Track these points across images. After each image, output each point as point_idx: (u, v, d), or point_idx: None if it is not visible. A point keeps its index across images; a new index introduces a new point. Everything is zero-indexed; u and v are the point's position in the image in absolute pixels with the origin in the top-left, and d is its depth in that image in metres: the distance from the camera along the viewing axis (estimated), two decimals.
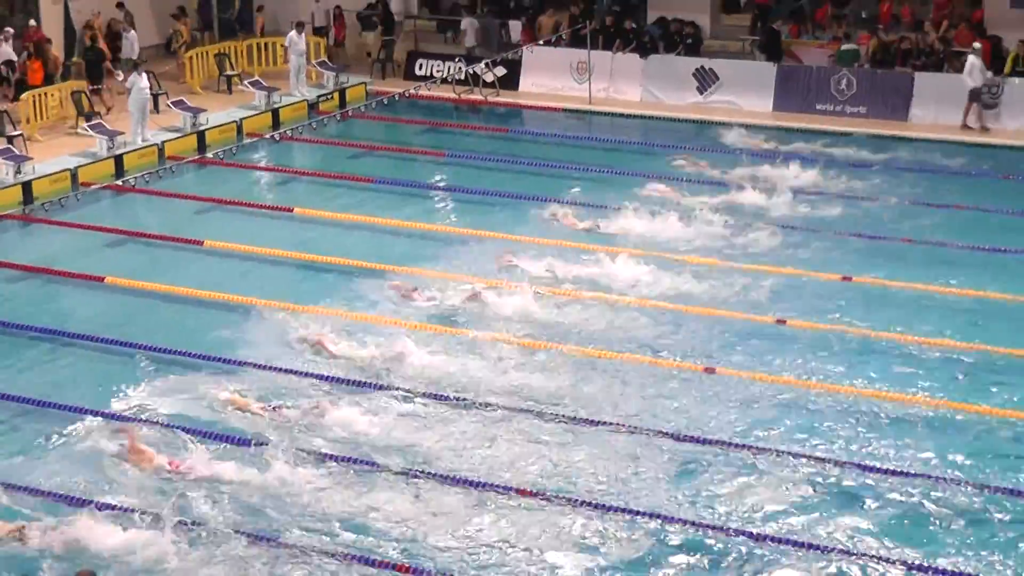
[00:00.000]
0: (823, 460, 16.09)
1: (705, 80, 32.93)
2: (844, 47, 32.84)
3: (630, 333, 19.60)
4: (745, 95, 32.47)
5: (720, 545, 14.58)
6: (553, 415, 17.08)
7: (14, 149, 27.66)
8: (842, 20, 33.50)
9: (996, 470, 15.96)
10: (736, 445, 16.44)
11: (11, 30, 31.58)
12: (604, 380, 18.16)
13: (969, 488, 15.46)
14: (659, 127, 31.46)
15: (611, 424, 16.83)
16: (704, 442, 16.49)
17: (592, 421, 16.94)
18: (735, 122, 30.64)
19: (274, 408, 17.22)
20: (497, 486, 15.45)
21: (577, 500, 15.18)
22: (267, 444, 16.18)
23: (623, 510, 14.98)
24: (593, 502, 15.15)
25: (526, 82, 34.49)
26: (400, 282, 21.24)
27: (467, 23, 35.79)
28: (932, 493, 15.40)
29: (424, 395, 17.54)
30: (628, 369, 18.49)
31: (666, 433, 16.68)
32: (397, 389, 17.65)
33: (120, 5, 35.13)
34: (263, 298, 20.77)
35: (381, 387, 17.81)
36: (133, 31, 33.80)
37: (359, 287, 21.35)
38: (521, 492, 15.29)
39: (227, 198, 26.28)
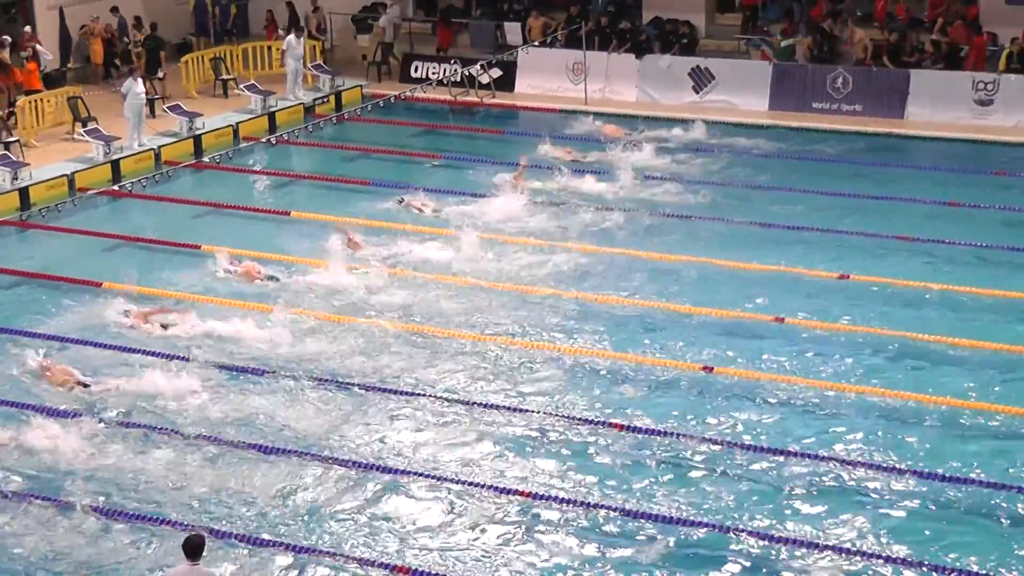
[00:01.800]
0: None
1: (701, 80, 32.95)
2: (784, 42, 33.09)
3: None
4: (741, 94, 32.50)
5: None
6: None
7: (11, 155, 27.69)
8: (837, 18, 33.46)
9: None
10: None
11: (8, 38, 31.56)
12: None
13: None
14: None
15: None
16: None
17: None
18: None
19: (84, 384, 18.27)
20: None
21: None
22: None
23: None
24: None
25: (522, 83, 34.52)
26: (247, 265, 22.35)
27: (384, 19, 35.56)
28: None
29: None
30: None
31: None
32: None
33: (115, 10, 35.14)
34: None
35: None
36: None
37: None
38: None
39: (224, 202, 26.31)
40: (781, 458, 16.32)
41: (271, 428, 17.27)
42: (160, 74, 32.76)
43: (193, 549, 12.67)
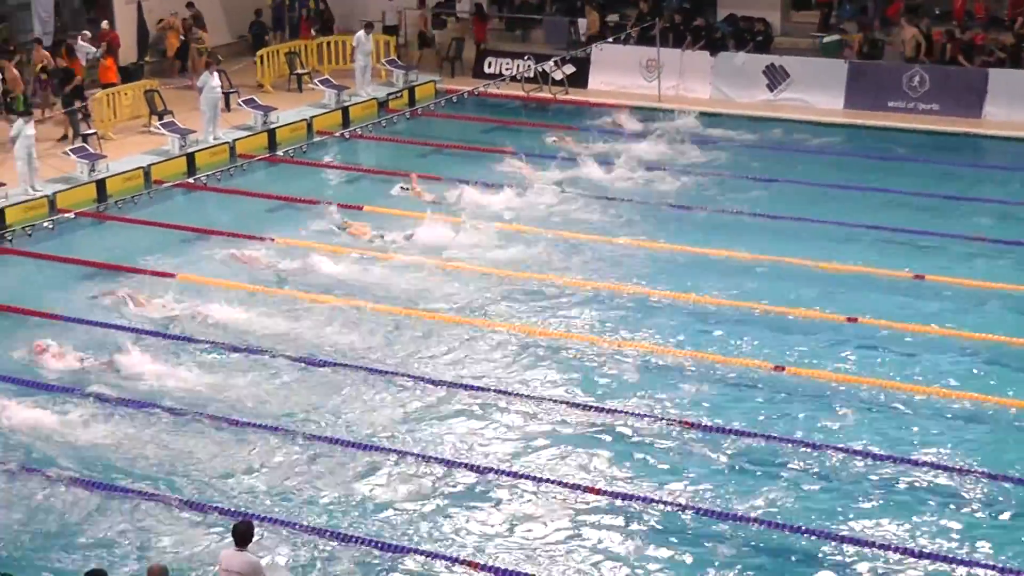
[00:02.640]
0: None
1: (775, 77, 32.74)
2: (827, 39, 32.82)
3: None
4: (816, 93, 32.26)
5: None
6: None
7: (89, 147, 28.01)
8: (914, 16, 33.12)
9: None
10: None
11: (88, 34, 31.93)
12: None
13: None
14: None
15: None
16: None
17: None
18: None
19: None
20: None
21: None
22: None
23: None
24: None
25: (595, 80, 34.44)
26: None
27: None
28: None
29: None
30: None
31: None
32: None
33: (190, 5, 35.43)
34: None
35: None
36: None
37: None
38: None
39: (297, 196, 26.44)
40: (852, 458, 16.23)
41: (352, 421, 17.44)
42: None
43: (241, 536, 12.89)
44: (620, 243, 23.51)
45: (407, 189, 26.24)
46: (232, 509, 15.25)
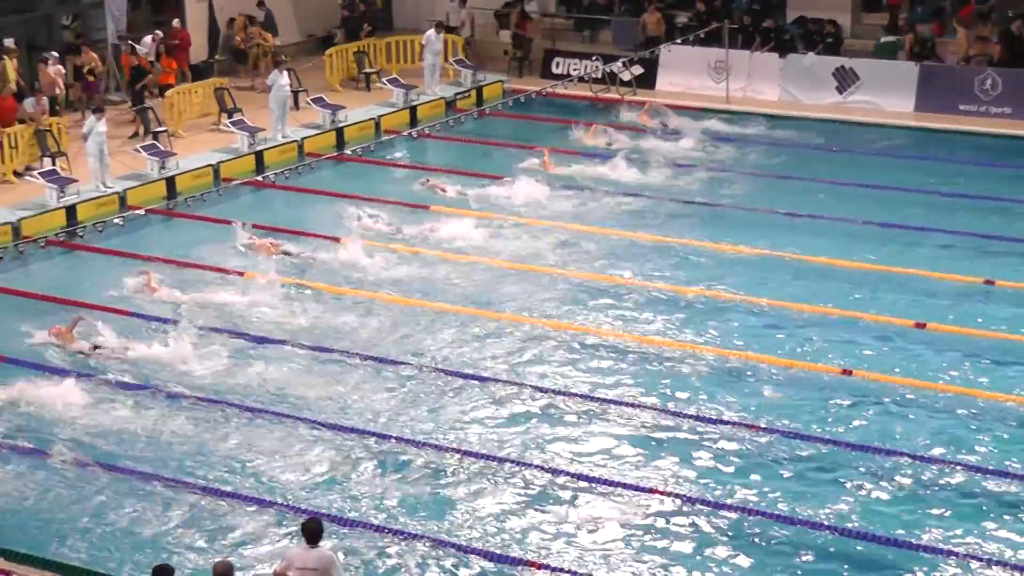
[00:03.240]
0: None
1: (845, 80, 32.48)
2: (883, 39, 32.61)
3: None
4: (886, 95, 31.94)
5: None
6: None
7: (159, 145, 28.26)
8: (987, 18, 32.76)
9: None
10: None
11: (160, 34, 32.16)
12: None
13: None
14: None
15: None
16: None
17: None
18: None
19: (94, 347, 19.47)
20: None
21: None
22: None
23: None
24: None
25: (663, 81, 34.29)
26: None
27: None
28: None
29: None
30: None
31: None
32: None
33: (260, 3, 35.62)
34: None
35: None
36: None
37: None
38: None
39: (365, 194, 26.50)
40: (921, 464, 16.10)
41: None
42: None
43: (312, 533, 12.96)
44: (687, 243, 23.57)
45: (427, 182, 26.79)
46: (297, 505, 15.41)
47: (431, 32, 33.64)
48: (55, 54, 30.48)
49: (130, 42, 31.61)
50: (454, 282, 22.07)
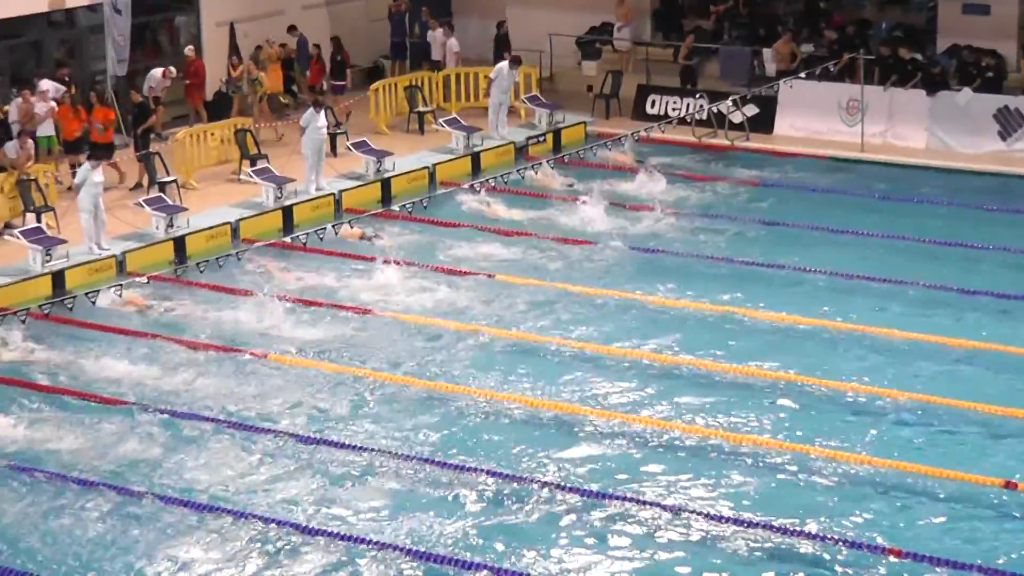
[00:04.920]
0: None
1: (1009, 123, 32.20)
2: None
3: None
4: None
5: None
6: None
7: (166, 198, 28.36)
8: None
9: None
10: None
11: (173, 70, 32.52)
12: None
13: None
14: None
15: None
16: None
17: None
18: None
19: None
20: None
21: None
22: None
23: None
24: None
25: (783, 123, 34.33)
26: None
27: (434, 36, 35.11)
28: None
29: None
30: None
31: None
32: None
33: (292, 28, 35.83)
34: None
35: None
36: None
37: None
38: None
39: (404, 259, 26.42)
40: None
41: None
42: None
43: None
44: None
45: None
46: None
47: (503, 65, 33.83)
48: (51, 84, 30.74)
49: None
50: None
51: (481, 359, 22.64)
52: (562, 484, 18.61)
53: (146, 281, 25.21)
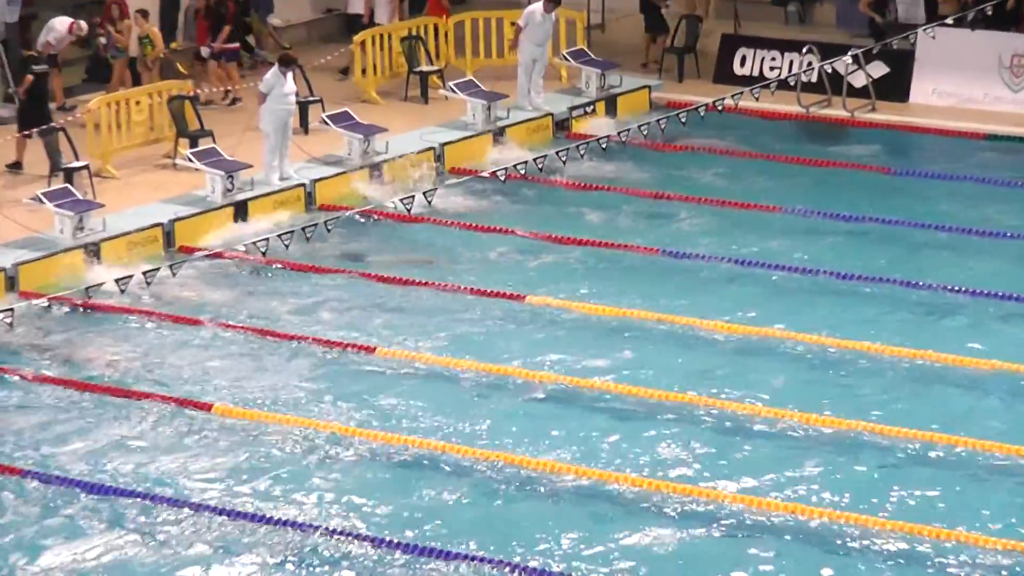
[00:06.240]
0: None
1: None
2: None
3: None
4: None
5: None
6: None
7: (75, 191, 28.25)
8: None
9: None
10: None
11: (84, 26, 32.60)
12: None
13: None
14: None
15: None
16: None
17: None
18: None
19: None
20: None
21: None
22: None
23: None
24: None
25: (922, 88, 34.61)
26: None
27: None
28: None
29: None
30: None
31: None
32: None
33: None
34: None
35: None
36: None
37: None
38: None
39: (399, 276, 26.70)
40: None
41: None
42: None
43: None
44: None
45: None
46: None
47: (536, 8, 33.67)
48: None
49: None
50: None
51: None
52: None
53: (45, 305, 25.16)
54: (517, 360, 24.10)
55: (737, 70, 35.75)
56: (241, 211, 28.95)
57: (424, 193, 27.96)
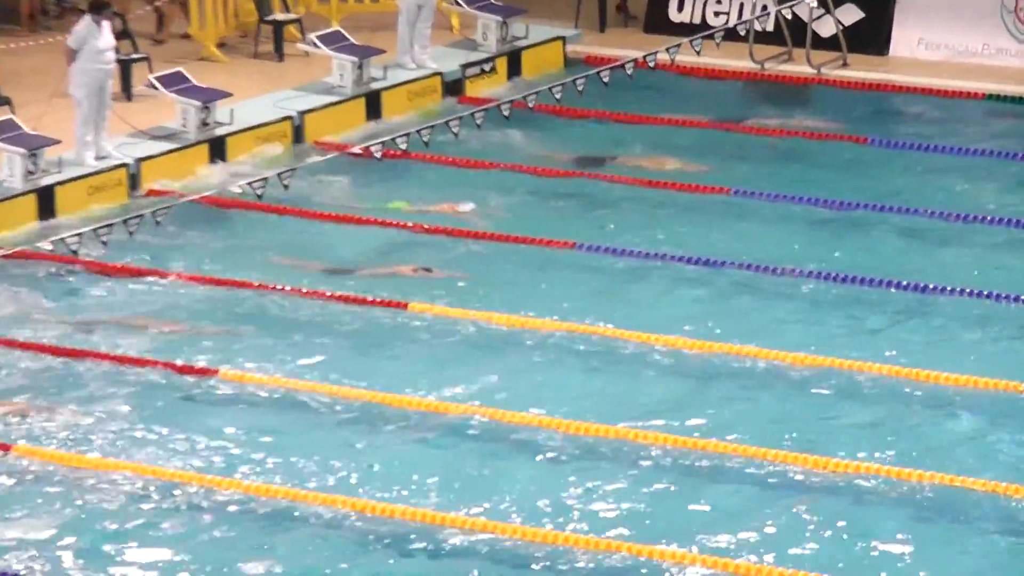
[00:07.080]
0: None
1: None
2: None
3: None
4: None
5: None
6: None
7: None
8: None
9: None
10: None
11: None
12: None
13: None
14: None
15: None
16: None
17: None
18: None
19: None
20: None
21: None
22: None
23: None
24: None
25: (905, 37, 34.74)
26: None
27: None
28: None
29: None
30: None
31: None
32: None
33: None
34: None
35: None
36: None
37: None
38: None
39: (255, 281, 26.55)
40: None
41: None
42: None
43: None
44: None
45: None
46: None
47: None
48: None
49: None
50: None
51: None
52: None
53: None
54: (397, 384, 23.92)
55: (673, 16, 36.10)
56: (46, 199, 28.52)
57: (279, 175, 27.69)
